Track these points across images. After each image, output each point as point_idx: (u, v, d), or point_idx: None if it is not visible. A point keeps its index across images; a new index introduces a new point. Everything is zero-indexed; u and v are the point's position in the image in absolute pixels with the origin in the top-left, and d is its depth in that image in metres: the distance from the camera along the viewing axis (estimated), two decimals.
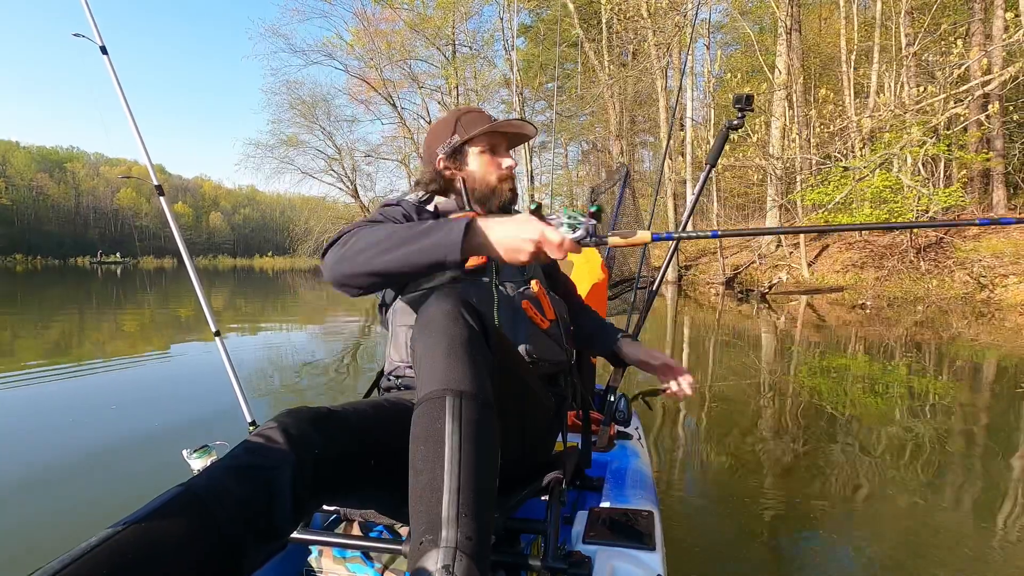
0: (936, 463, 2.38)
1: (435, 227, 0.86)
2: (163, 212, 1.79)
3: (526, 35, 23.69)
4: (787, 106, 13.65)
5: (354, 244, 0.91)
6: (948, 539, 1.73)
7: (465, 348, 0.76)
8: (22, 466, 2.32)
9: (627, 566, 0.89)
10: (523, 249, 0.83)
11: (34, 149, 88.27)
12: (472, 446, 0.70)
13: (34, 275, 26.53)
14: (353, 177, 25.66)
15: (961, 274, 9.73)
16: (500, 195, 1.20)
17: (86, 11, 1.65)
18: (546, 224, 0.84)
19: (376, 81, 22.58)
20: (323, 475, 0.75)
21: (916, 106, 9.07)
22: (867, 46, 14.38)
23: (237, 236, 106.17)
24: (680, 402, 3.27)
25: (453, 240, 0.83)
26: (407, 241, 0.86)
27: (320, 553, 1.02)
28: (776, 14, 13.89)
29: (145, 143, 1.72)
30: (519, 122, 1.21)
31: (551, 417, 1.11)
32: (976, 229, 10.79)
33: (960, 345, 5.43)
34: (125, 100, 1.71)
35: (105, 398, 3.45)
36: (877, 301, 9.18)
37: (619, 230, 0.96)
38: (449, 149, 1.20)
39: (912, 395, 3.62)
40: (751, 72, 17.44)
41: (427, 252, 0.84)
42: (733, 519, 1.88)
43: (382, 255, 0.87)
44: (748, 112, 1.42)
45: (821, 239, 13.46)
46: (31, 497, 2.03)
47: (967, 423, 2.99)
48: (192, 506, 0.64)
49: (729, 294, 11.39)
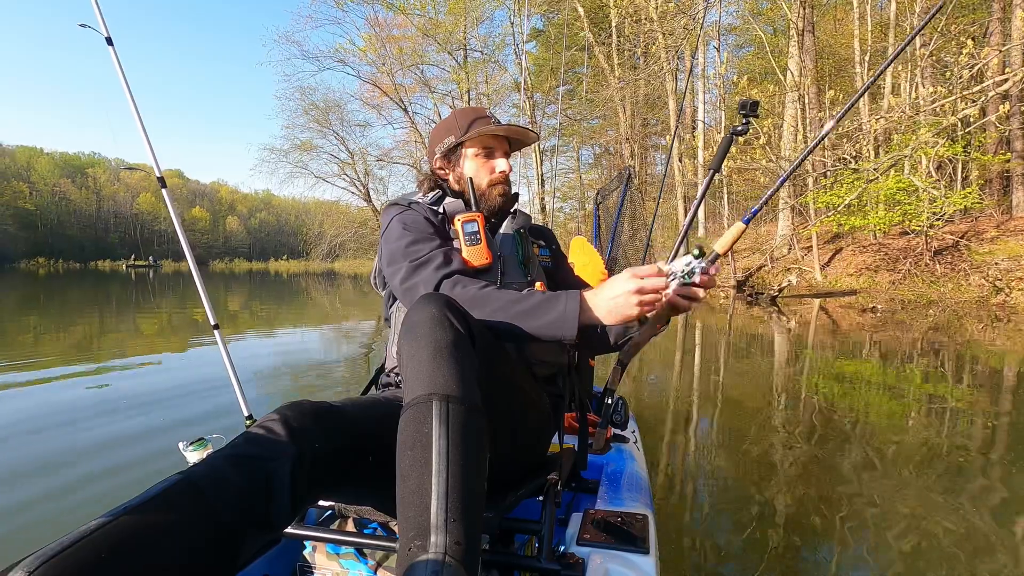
0: (952, 470, 2.33)
1: (547, 305, 0.95)
2: (178, 214, 1.81)
3: (537, 39, 23.75)
4: (799, 108, 13.51)
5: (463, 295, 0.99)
6: (962, 549, 1.70)
7: (451, 352, 0.76)
8: (27, 456, 2.38)
9: (620, 568, 0.89)
10: (630, 304, 0.92)
11: (57, 155, 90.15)
12: (460, 450, 0.70)
13: (56, 279, 27.05)
14: (366, 181, 25.92)
15: (977, 277, 9.54)
16: (490, 200, 1.20)
17: (92, 2, 1.69)
18: (640, 273, 0.92)
19: (388, 86, 22.78)
20: (321, 469, 0.76)
21: (928, 107, 8.93)
22: (882, 47, 14.21)
23: (253, 240, 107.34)
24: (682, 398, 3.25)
25: (569, 323, 0.93)
26: (524, 317, 0.96)
27: (314, 549, 1.03)
28: (788, 16, 13.78)
29: (149, 136, 1.74)
30: (515, 127, 1.21)
31: (545, 417, 1.11)
32: (994, 231, 10.58)
33: (977, 349, 5.32)
34: (129, 91, 1.73)
35: (119, 394, 3.52)
36: (890, 304, 9.03)
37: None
38: (445, 149, 1.21)
39: (928, 399, 3.56)
40: (764, 74, 17.31)
41: (545, 331, 0.95)
42: (728, 524, 1.87)
43: (497, 320, 0.96)
44: (753, 118, 1.42)
45: (835, 241, 13.28)
46: (30, 487, 2.07)
47: (985, 429, 2.93)
48: (191, 494, 0.65)
49: (739, 297, 11.28)
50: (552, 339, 0.95)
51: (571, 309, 0.93)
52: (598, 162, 26.12)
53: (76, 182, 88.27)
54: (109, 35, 1.71)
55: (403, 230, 1.11)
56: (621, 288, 0.92)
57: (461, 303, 0.93)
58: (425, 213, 1.15)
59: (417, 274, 1.05)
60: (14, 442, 2.59)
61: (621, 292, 0.92)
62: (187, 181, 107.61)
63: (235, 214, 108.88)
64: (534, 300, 0.96)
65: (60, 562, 0.53)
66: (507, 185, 1.23)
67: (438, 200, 1.20)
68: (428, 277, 1.03)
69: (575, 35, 17.91)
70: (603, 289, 0.95)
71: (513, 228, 1.22)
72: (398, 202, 1.20)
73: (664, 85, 16.57)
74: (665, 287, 0.92)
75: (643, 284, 0.91)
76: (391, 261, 1.10)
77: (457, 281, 1.02)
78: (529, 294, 0.99)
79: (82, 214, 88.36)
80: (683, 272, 0.92)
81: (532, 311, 0.95)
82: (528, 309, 0.95)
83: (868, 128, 11.02)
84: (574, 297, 0.95)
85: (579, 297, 0.95)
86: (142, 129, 1.74)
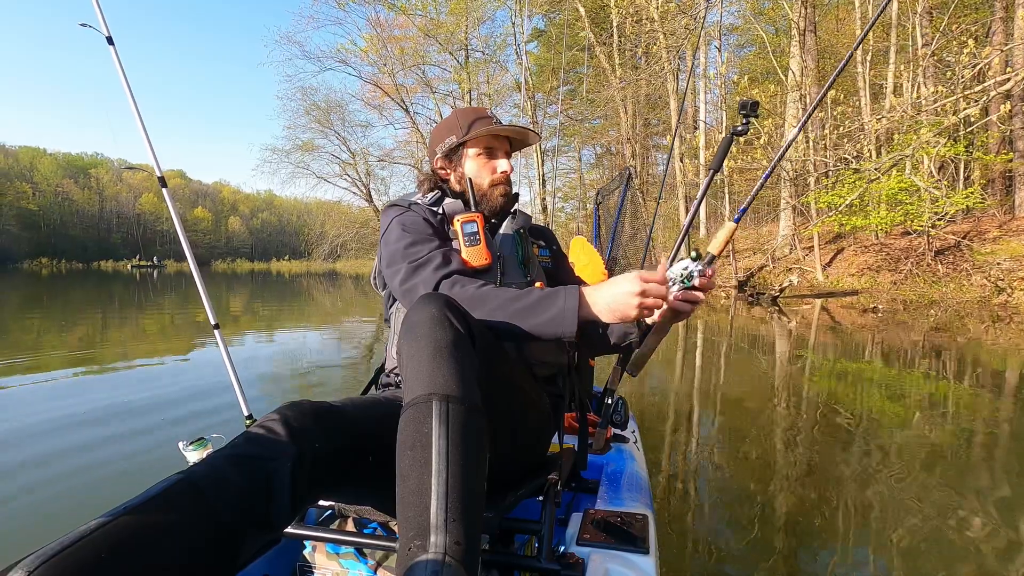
0: (955, 471, 2.33)
1: (545, 302, 0.95)
2: (179, 213, 1.81)
3: (539, 39, 23.75)
4: (801, 108, 13.49)
5: (462, 295, 0.99)
6: (965, 550, 1.69)
7: (450, 352, 0.76)
8: (27, 455, 2.38)
9: (620, 568, 0.89)
10: (630, 305, 0.92)
11: (60, 156, 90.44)
12: (459, 450, 0.70)
13: (59, 279, 27.12)
14: (367, 181, 25.97)
15: (979, 278, 9.52)
16: (491, 200, 1.20)
17: (93, 1, 1.69)
18: (646, 277, 0.92)
19: (389, 87, 22.81)
20: (321, 469, 0.76)
21: (928, 107, 8.91)
22: (884, 46, 14.18)
23: (255, 240, 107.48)
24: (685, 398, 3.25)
25: (568, 319, 0.93)
26: (523, 315, 0.96)
27: (314, 548, 1.03)
28: (789, 15, 13.76)
29: (149, 135, 1.74)
30: (516, 127, 1.21)
31: (545, 417, 1.11)
32: (996, 231, 10.56)
33: (979, 349, 5.31)
34: (130, 90, 1.74)
35: (119, 393, 3.53)
36: (891, 304, 9.01)
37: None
38: (446, 149, 1.21)
39: (929, 400, 3.55)
40: (766, 74, 17.28)
41: (545, 328, 0.95)
42: (728, 524, 1.86)
43: (497, 319, 0.96)
44: (753, 118, 1.42)
45: (836, 242, 13.26)
46: (29, 486, 2.07)
47: (987, 429, 2.91)
48: (192, 493, 0.65)
49: (740, 298, 11.27)
50: (552, 337, 0.95)
51: (570, 305, 0.93)
52: (600, 162, 26.11)
53: (79, 182, 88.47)
54: (110, 34, 1.71)
55: (402, 231, 1.11)
56: (624, 288, 0.92)
57: (460, 303, 0.93)
58: (424, 214, 1.15)
59: (416, 275, 1.05)
60: (13, 441, 2.60)
61: (623, 291, 0.92)
62: (189, 181, 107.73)
63: (237, 214, 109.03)
64: (532, 297, 0.96)
65: (60, 562, 0.53)
66: (508, 185, 1.22)
67: (437, 201, 1.20)
68: (427, 278, 1.03)
69: (576, 35, 17.91)
70: (605, 286, 0.95)
71: (513, 228, 1.22)
72: (398, 203, 1.20)
73: (666, 85, 16.55)
74: (666, 294, 0.93)
75: (647, 287, 0.91)
76: (391, 262, 1.10)
77: (456, 281, 1.02)
78: (527, 291, 0.98)
79: (85, 214, 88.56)
80: (682, 276, 0.93)
81: (531, 308, 0.95)
82: (527, 306, 0.95)
83: (869, 128, 11.00)
84: (572, 293, 0.95)
85: (578, 292, 0.95)
86: (142, 128, 1.74)
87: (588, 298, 0.95)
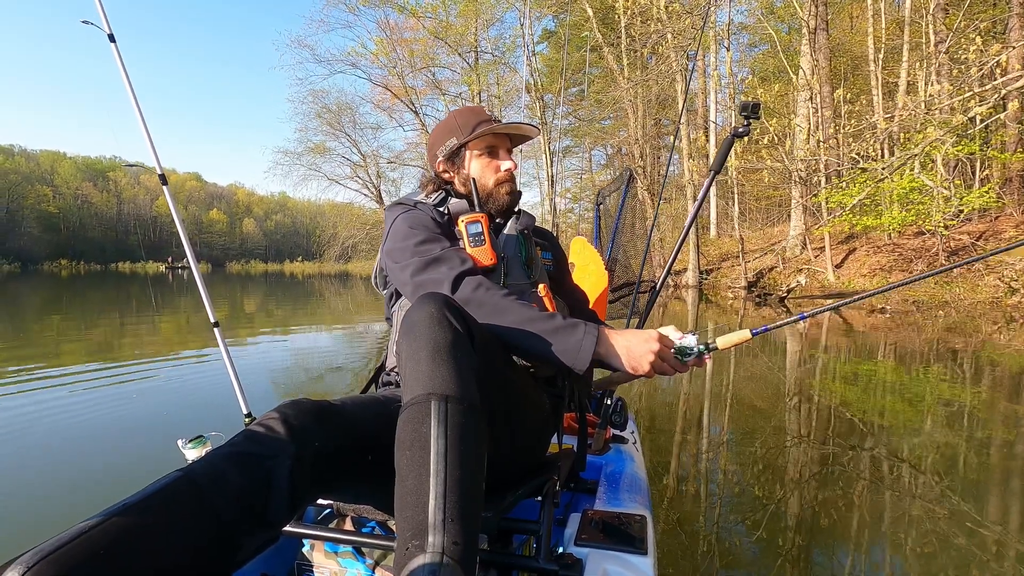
0: (969, 474, 2.29)
1: (565, 332, 0.95)
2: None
3: (548, 40, 23.75)
4: (811, 107, 13.35)
5: (486, 298, 0.99)
6: (980, 555, 1.66)
7: (449, 351, 0.76)
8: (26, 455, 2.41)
9: (619, 569, 0.89)
10: (646, 359, 0.95)
11: (79, 159, 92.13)
12: (458, 450, 0.70)
13: (79, 280, 27.55)
14: (377, 183, 26.13)
15: (992, 278, 9.36)
16: (497, 199, 1.19)
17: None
18: (665, 343, 0.97)
19: (399, 89, 22.93)
20: (321, 468, 0.76)
21: (938, 105, 8.75)
22: (897, 44, 13.99)
23: (269, 242, 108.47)
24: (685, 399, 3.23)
25: (584, 354, 0.93)
26: (540, 338, 0.95)
27: (312, 547, 1.04)
28: (799, 13, 13.63)
29: (150, 132, 1.74)
30: (515, 124, 1.21)
31: (545, 417, 1.10)
32: (1013, 231, 10.37)
33: (992, 351, 5.22)
34: (131, 88, 1.73)
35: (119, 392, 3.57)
36: (903, 305, 8.88)
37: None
38: (447, 152, 1.21)
39: (943, 401, 3.49)
40: (777, 73, 17.11)
41: (558, 356, 0.94)
42: (727, 524, 1.85)
43: (510, 333, 0.96)
44: (754, 120, 1.42)
45: (848, 242, 13.10)
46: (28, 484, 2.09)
47: (1003, 432, 2.86)
48: (190, 491, 0.65)
49: (749, 298, 11.17)
50: (561, 365, 0.95)
51: (587, 344, 0.94)
52: (611, 163, 26.01)
53: (98, 185, 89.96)
54: (111, 32, 1.71)
55: (410, 229, 1.10)
56: (645, 346, 0.96)
57: (478, 305, 0.93)
58: (431, 213, 1.15)
59: (430, 270, 1.03)
60: (12, 441, 2.60)
61: (643, 350, 0.96)
62: (205, 184, 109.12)
63: (252, 216, 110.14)
64: (553, 323, 0.96)
65: (58, 558, 0.53)
66: (513, 183, 1.22)
67: (442, 201, 1.20)
68: (445, 274, 1.01)
69: (583, 37, 17.86)
70: (626, 336, 0.97)
71: (517, 229, 1.22)
72: (402, 201, 1.20)
73: (674, 85, 16.46)
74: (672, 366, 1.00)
75: (665, 353, 0.97)
76: (398, 258, 1.09)
77: (481, 283, 1.00)
78: (550, 316, 0.97)
79: (103, 217, 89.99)
80: (687, 351, 0.99)
81: (549, 334, 0.95)
82: (545, 331, 0.95)
83: (880, 127, 10.86)
84: (592, 331, 0.95)
85: (597, 332, 0.95)
86: (143, 124, 1.72)
87: (607, 340, 0.96)
